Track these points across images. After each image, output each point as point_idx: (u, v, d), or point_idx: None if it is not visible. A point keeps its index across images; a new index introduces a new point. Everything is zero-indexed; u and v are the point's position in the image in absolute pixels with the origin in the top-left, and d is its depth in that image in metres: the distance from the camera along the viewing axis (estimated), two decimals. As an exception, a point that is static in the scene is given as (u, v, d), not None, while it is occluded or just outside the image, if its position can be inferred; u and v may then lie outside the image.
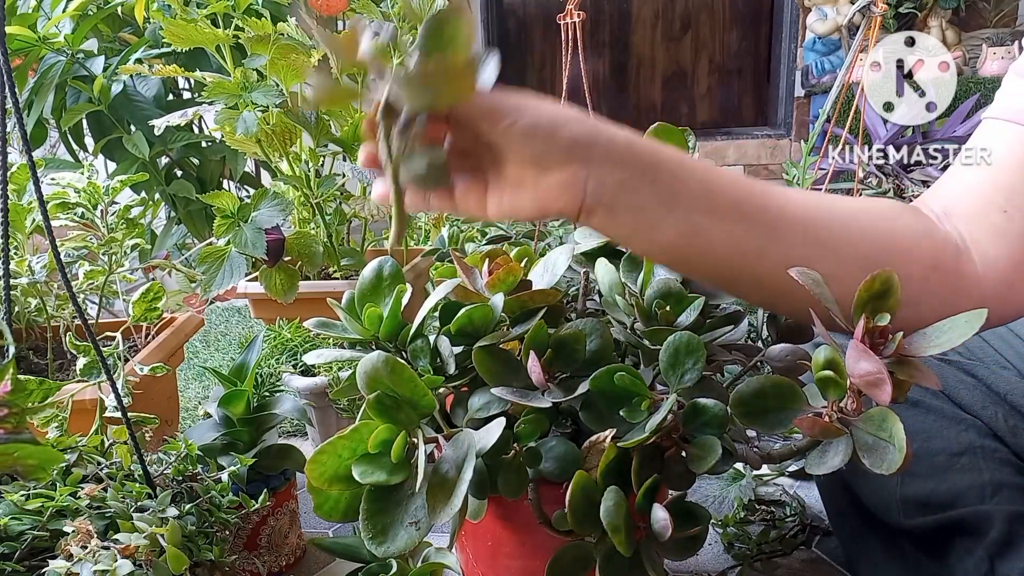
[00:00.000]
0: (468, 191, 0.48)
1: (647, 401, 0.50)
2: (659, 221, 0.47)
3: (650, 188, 0.47)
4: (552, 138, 0.45)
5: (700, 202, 0.47)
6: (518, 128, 0.44)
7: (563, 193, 0.46)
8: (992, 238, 0.51)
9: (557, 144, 0.45)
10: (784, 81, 3.99)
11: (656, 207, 0.47)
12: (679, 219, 0.47)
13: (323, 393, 0.97)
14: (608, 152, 0.46)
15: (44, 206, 0.49)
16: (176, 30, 1.01)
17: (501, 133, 0.45)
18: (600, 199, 0.46)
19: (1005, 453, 0.62)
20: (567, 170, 0.45)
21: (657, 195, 0.47)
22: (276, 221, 1.01)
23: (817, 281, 0.44)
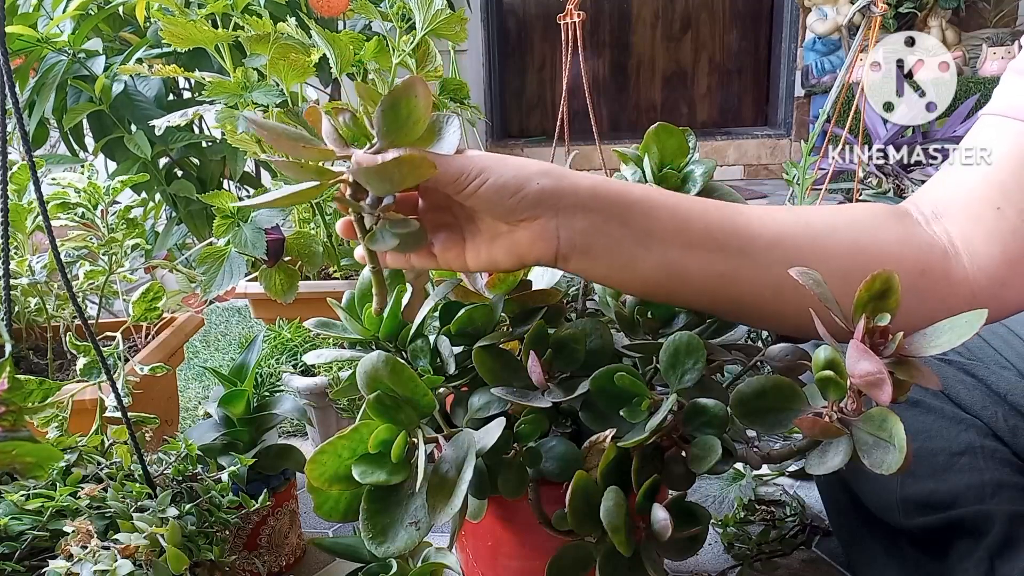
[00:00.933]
0: (447, 248, 0.50)
1: (647, 401, 0.50)
2: (635, 259, 0.49)
3: (622, 229, 0.48)
4: (519, 194, 0.46)
5: (672, 237, 0.49)
6: (484, 190, 0.46)
7: (536, 243, 0.48)
8: (984, 236, 0.51)
9: (525, 200, 0.46)
10: (784, 81, 3.99)
11: (631, 246, 0.48)
12: (655, 255, 0.49)
13: (323, 393, 0.97)
14: (575, 201, 0.47)
15: (44, 206, 0.49)
16: (175, 30, 1.01)
17: (469, 196, 0.46)
18: (573, 245, 0.48)
19: (1005, 453, 0.62)
20: (537, 222, 0.47)
21: (630, 235, 0.48)
22: (276, 221, 1.01)
23: (817, 281, 0.45)
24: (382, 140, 0.44)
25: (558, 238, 0.47)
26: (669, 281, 0.50)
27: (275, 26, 1.05)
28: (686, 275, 0.49)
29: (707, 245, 0.49)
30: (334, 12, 1.30)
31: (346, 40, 1.06)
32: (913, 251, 0.51)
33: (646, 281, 0.50)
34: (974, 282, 0.51)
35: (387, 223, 0.46)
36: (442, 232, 0.51)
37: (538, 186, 0.47)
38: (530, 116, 4.50)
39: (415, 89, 0.42)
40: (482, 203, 0.46)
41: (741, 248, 0.50)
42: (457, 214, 0.50)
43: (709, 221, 0.50)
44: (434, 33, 1.09)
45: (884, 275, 0.43)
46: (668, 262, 0.49)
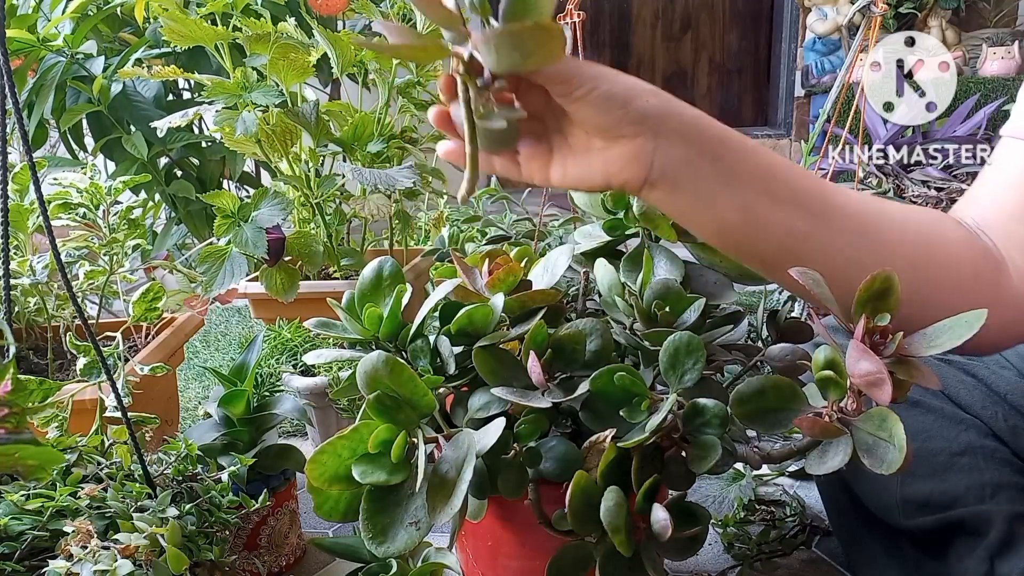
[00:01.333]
0: (533, 157, 0.49)
1: (647, 401, 0.50)
2: (717, 199, 0.48)
3: (712, 166, 0.47)
4: (626, 109, 0.45)
5: (758, 184, 0.48)
6: (594, 96, 0.44)
7: (629, 164, 0.46)
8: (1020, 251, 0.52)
9: (630, 115, 0.45)
10: (784, 81, 3.99)
11: (716, 185, 0.47)
12: (737, 198, 0.48)
13: (323, 393, 0.97)
14: (678, 127, 0.46)
15: (44, 206, 0.49)
16: (176, 27, 1.01)
17: (576, 99, 0.45)
18: (664, 173, 0.46)
19: (1005, 453, 0.62)
20: (636, 141, 0.46)
21: (718, 173, 0.47)
22: (276, 221, 1.01)
23: (817, 281, 0.45)
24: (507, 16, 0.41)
25: (651, 163, 0.46)
26: (745, 226, 0.49)
27: (275, 26, 1.05)
28: (763, 225, 0.49)
29: (791, 200, 0.49)
30: (333, 11, 1.30)
31: (347, 40, 1.06)
32: (972, 254, 0.52)
33: (723, 223, 0.49)
34: (1020, 295, 0.52)
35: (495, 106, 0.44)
36: (530, 140, 0.49)
37: (646, 103, 0.46)
38: (530, 116, 4.49)
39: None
40: (588, 110, 0.45)
41: (822, 211, 0.49)
42: (549, 125, 0.49)
43: (797, 178, 0.50)
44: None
45: (884, 275, 0.43)
46: (749, 207, 0.48)
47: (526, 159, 0.49)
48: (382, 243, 1.38)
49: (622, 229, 0.64)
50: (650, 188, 0.47)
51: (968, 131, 1.79)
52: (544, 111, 0.48)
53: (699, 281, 0.62)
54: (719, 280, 0.62)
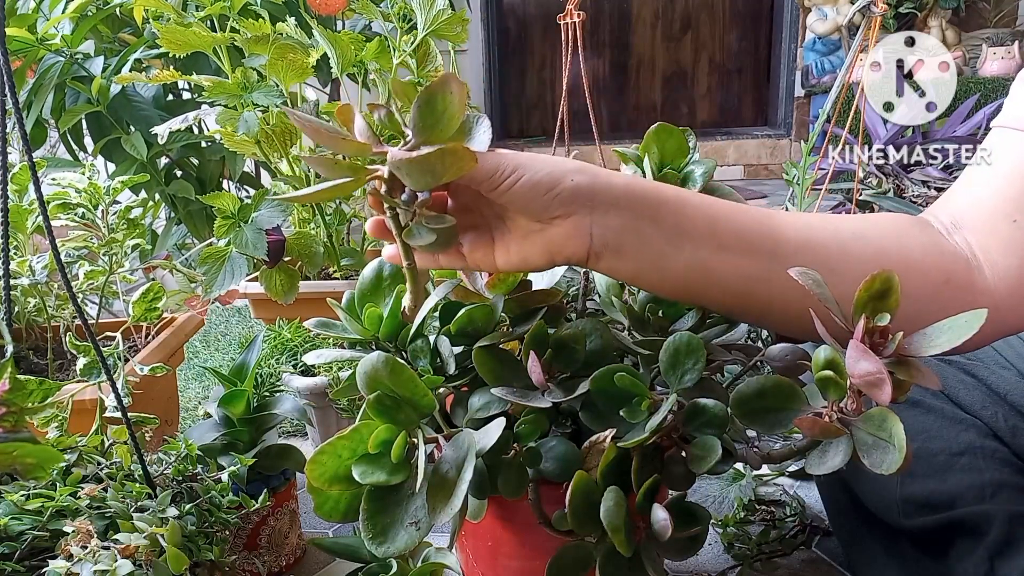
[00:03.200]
0: (476, 247, 0.50)
1: (647, 401, 0.50)
2: (666, 259, 0.48)
3: (653, 228, 0.48)
4: (553, 192, 0.46)
5: (705, 237, 0.49)
6: (519, 187, 0.46)
7: (569, 241, 0.47)
8: (1002, 248, 0.51)
9: (559, 198, 0.46)
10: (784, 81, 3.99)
11: (662, 246, 0.48)
12: (685, 256, 0.48)
13: (323, 393, 0.97)
14: (609, 199, 0.47)
15: (44, 206, 0.49)
16: (172, 36, 1.01)
17: (503, 193, 0.46)
18: (606, 243, 0.47)
19: (1005, 453, 0.62)
20: (571, 219, 0.47)
21: (662, 235, 0.48)
22: (276, 221, 1.01)
23: (817, 281, 0.45)
24: (417, 136, 0.44)
25: (591, 236, 0.47)
26: (699, 281, 0.49)
27: (274, 26, 1.05)
28: (716, 276, 0.49)
29: (738, 247, 0.49)
30: (332, 10, 1.30)
31: (347, 40, 1.06)
32: (937, 259, 0.51)
33: (675, 281, 0.49)
34: (995, 293, 0.51)
35: (423, 219, 0.46)
36: (470, 233, 0.50)
37: (573, 183, 0.46)
38: (530, 116, 4.50)
39: (450, 86, 0.42)
40: (516, 200, 0.46)
41: (772, 251, 0.50)
42: (486, 214, 0.50)
43: (740, 223, 0.50)
44: (435, 34, 1.09)
45: (884, 275, 0.43)
46: (699, 262, 0.49)
47: (470, 251, 0.51)
48: (382, 243, 1.38)
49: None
50: (596, 259, 0.48)
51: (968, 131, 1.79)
52: (479, 203, 0.49)
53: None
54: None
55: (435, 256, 0.51)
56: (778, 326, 0.56)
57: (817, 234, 0.51)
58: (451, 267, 0.53)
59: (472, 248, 0.51)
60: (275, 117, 1.03)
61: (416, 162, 0.42)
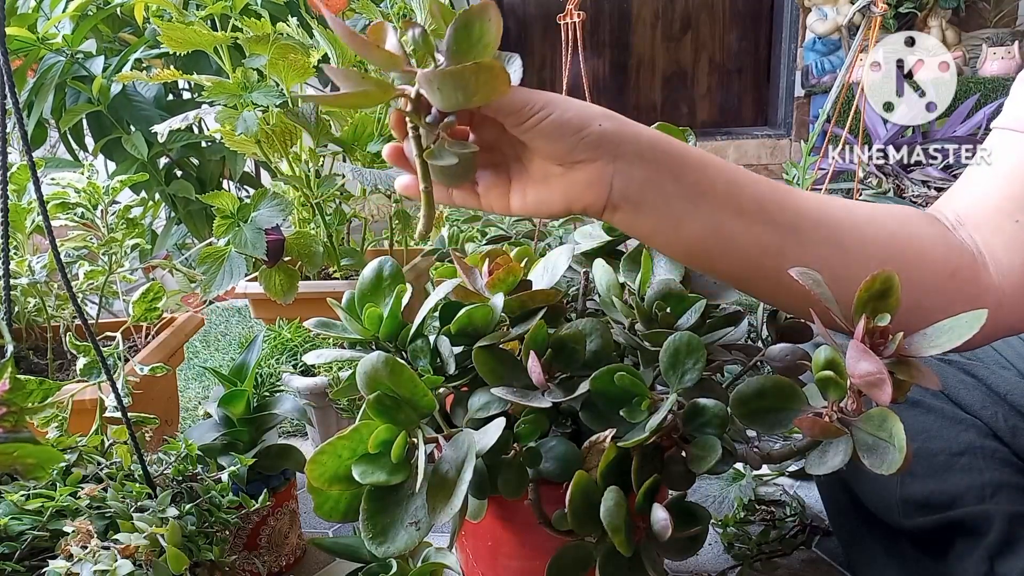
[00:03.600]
0: (491, 187, 0.49)
1: (647, 401, 0.50)
2: (683, 218, 0.47)
3: (675, 185, 0.47)
4: (580, 134, 0.45)
5: (725, 201, 0.48)
6: (547, 124, 0.44)
7: (589, 189, 0.46)
8: (1005, 246, 0.51)
9: (585, 140, 0.45)
10: (784, 81, 3.99)
11: (681, 204, 0.47)
12: (704, 217, 0.47)
13: (323, 393, 0.97)
14: (635, 149, 0.46)
15: (44, 206, 0.49)
16: (174, 34, 1.01)
17: (529, 129, 0.45)
18: (626, 195, 0.46)
19: (1005, 453, 0.62)
20: (594, 166, 0.45)
21: (682, 193, 0.47)
22: (276, 221, 1.01)
23: (817, 281, 0.45)
24: (450, 60, 0.42)
25: (611, 185, 0.46)
26: (714, 245, 0.48)
27: (275, 26, 1.05)
28: (732, 241, 0.48)
29: (757, 214, 0.48)
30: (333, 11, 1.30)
31: (346, 40, 1.05)
32: (945, 251, 0.51)
33: (691, 242, 0.48)
34: (999, 290, 0.51)
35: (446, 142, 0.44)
36: (488, 171, 0.49)
37: (600, 127, 0.45)
38: (530, 116, 4.49)
39: (488, 12, 0.41)
40: (542, 138, 0.45)
41: (790, 223, 0.49)
42: (507, 153, 0.49)
43: (761, 192, 0.49)
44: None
45: (884, 275, 0.43)
46: (716, 225, 0.48)
47: (484, 189, 0.49)
48: (382, 243, 1.38)
49: (622, 229, 0.64)
50: (612, 210, 0.47)
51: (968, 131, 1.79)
52: (500, 141, 0.48)
53: (699, 281, 0.62)
54: (719, 280, 0.62)
55: (449, 192, 0.50)
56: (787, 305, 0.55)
57: (833, 212, 0.51)
58: (464, 205, 0.51)
59: (488, 188, 0.49)
60: (275, 117, 1.03)
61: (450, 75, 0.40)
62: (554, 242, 1.05)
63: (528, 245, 0.76)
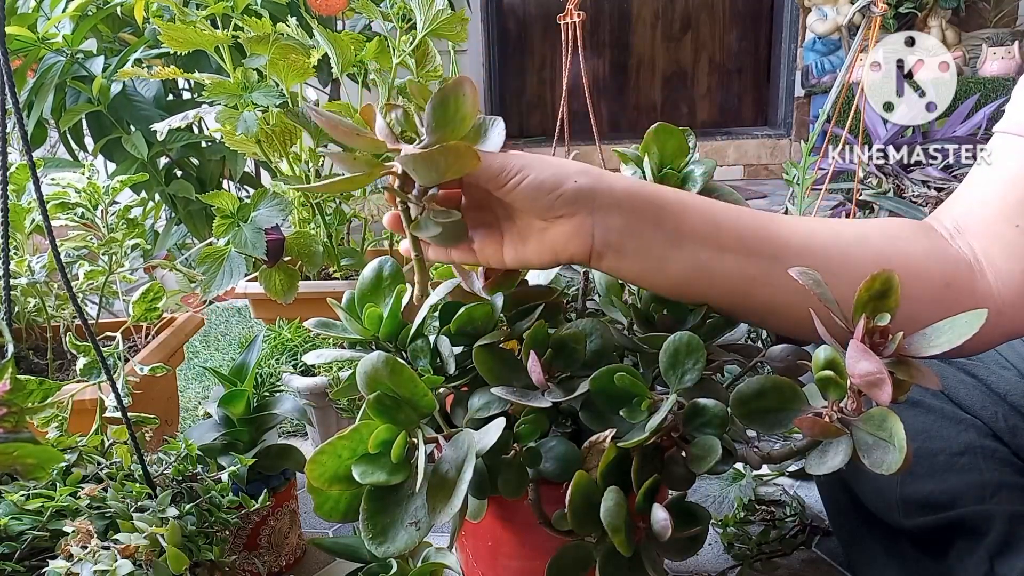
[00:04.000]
0: (486, 244, 0.53)
1: (647, 401, 0.50)
2: (666, 260, 0.50)
3: (654, 230, 0.49)
4: (556, 192, 0.48)
5: (705, 240, 0.50)
6: (524, 187, 0.48)
7: (572, 240, 0.49)
8: (1005, 253, 0.51)
9: (562, 198, 0.48)
10: (784, 81, 3.99)
11: (663, 247, 0.50)
12: (686, 257, 0.50)
13: (323, 393, 0.97)
14: (611, 201, 0.49)
15: (44, 206, 0.49)
16: (174, 33, 1.01)
17: (509, 192, 0.48)
18: (608, 243, 0.49)
19: (1005, 453, 0.62)
20: (574, 220, 0.49)
21: (663, 236, 0.49)
22: (276, 221, 1.01)
23: (817, 281, 0.45)
24: (431, 135, 0.46)
25: (593, 236, 0.49)
26: (700, 281, 0.51)
27: (275, 26, 1.05)
28: (717, 277, 0.50)
29: (739, 249, 0.50)
30: (332, 11, 1.30)
31: (347, 40, 1.06)
32: (939, 264, 0.52)
33: (676, 281, 0.51)
34: (999, 297, 0.51)
35: (431, 212, 0.49)
36: (482, 229, 0.53)
37: (575, 184, 0.48)
38: (530, 116, 4.50)
39: (463, 88, 0.45)
40: (521, 199, 0.48)
41: (772, 254, 0.51)
42: (497, 212, 0.52)
43: (741, 226, 0.51)
44: (434, 33, 1.09)
45: (884, 275, 0.43)
46: (699, 263, 0.50)
47: (480, 247, 0.53)
48: (382, 243, 1.38)
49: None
50: (598, 258, 0.50)
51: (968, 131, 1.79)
52: (489, 200, 0.52)
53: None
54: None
55: (447, 250, 0.54)
56: (780, 328, 0.56)
57: (818, 238, 0.52)
58: (463, 261, 0.55)
59: (483, 244, 0.53)
60: (275, 117, 1.03)
61: (422, 158, 0.44)
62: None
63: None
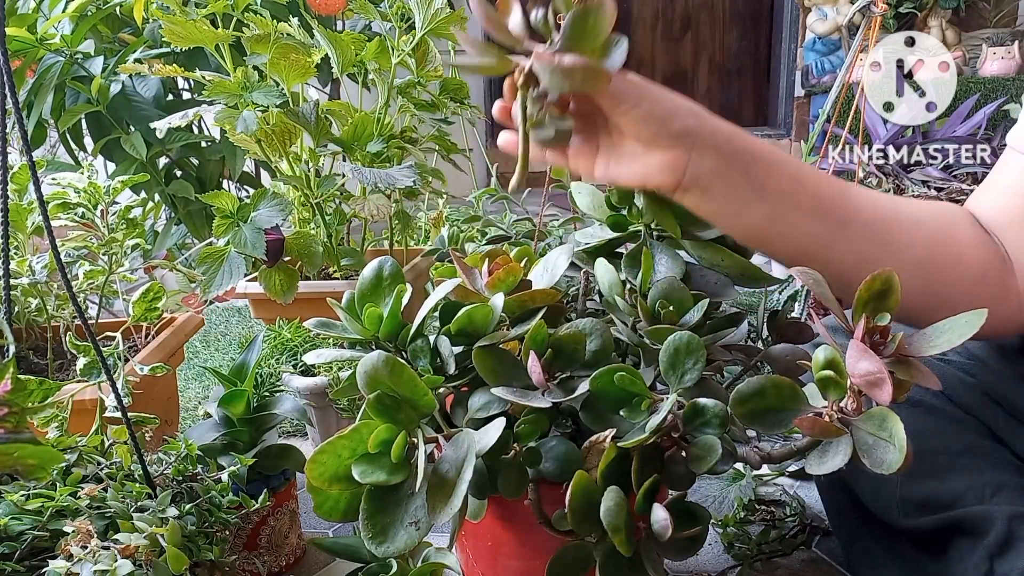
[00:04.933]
0: (580, 153, 0.54)
1: (647, 401, 0.50)
2: (746, 207, 0.53)
3: (742, 178, 0.52)
4: (664, 125, 0.51)
5: (786, 196, 0.53)
6: (637, 113, 0.50)
7: (664, 171, 0.52)
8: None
9: (668, 131, 0.51)
10: (784, 81, 3.99)
11: (745, 195, 0.52)
12: (765, 208, 0.53)
13: (323, 393, 0.97)
14: (711, 143, 0.52)
15: (44, 206, 0.49)
16: (176, 29, 1.01)
17: (621, 115, 0.50)
18: (697, 182, 0.52)
19: (1005, 453, 0.62)
20: (672, 153, 0.51)
21: (748, 184, 0.52)
22: (276, 221, 1.01)
23: (818, 281, 0.45)
24: (564, 42, 0.47)
25: (685, 173, 0.51)
26: (770, 232, 0.54)
27: (276, 26, 1.05)
28: (787, 231, 0.54)
29: (814, 209, 0.54)
30: (332, 10, 1.30)
31: (348, 40, 1.05)
32: (981, 254, 0.55)
33: (749, 228, 0.54)
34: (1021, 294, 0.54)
35: (548, 114, 0.51)
36: (580, 137, 0.54)
37: (684, 123, 0.51)
38: (530, 116, 4.49)
39: (605, 6, 0.46)
40: (630, 124, 0.51)
41: (843, 219, 0.54)
42: (600, 125, 0.54)
43: (820, 189, 0.54)
44: (434, 32, 1.09)
45: (884, 275, 0.43)
46: (775, 216, 0.53)
47: (574, 154, 0.55)
48: (382, 243, 1.38)
49: (626, 225, 0.64)
50: (683, 193, 0.53)
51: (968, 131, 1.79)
52: (595, 114, 0.53)
53: (700, 281, 0.62)
54: (720, 280, 0.62)
55: (543, 152, 0.55)
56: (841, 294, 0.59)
57: (883, 212, 0.55)
58: (554, 163, 0.56)
59: (577, 153, 0.54)
60: (275, 117, 1.03)
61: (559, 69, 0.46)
62: (554, 242, 1.05)
63: (528, 245, 0.76)
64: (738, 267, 0.61)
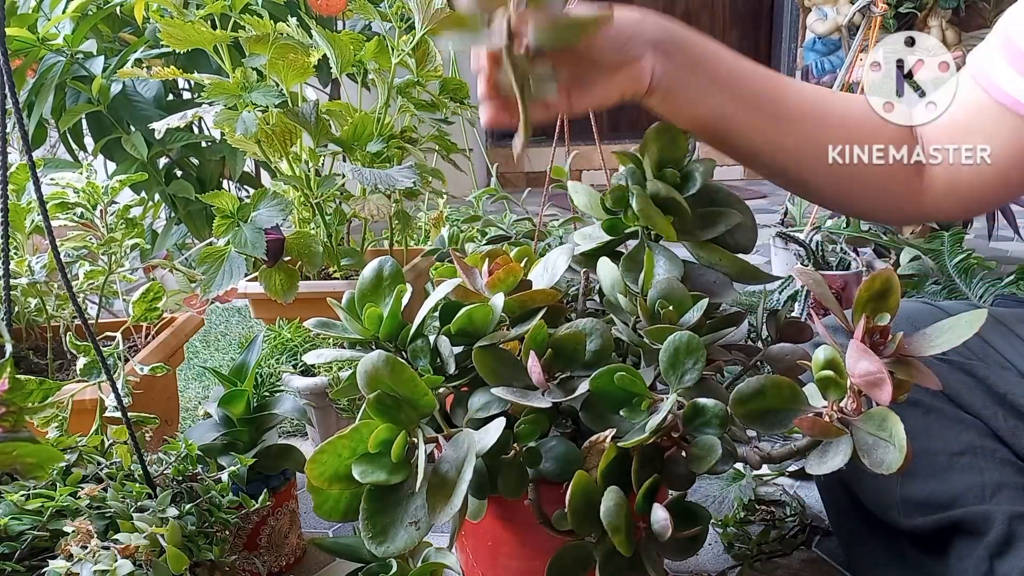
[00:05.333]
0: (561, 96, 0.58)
1: (647, 401, 0.50)
2: (696, 104, 0.60)
3: (692, 77, 0.59)
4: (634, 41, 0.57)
5: (727, 91, 0.60)
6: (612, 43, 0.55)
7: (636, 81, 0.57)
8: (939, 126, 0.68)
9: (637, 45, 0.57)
10: (784, 81, 3.97)
11: (696, 92, 0.59)
12: (712, 101, 0.60)
13: (323, 393, 0.97)
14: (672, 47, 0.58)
15: (44, 206, 0.49)
16: (174, 31, 1.01)
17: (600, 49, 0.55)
18: (660, 83, 0.58)
19: (1005, 453, 0.62)
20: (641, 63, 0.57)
21: (696, 83, 0.59)
22: (276, 221, 1.01)
23: (818, 281, 0.45)
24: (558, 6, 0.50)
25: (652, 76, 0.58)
26: (718, 124, 0.61)
27: (274, 26, 1.05)
28: (733, 126, 0.61)
29: (751, 102, 0.61)
30: (332, 11, 1.30)
31: (346, 40, 1.05)
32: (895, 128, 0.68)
33: (702, 122, 0.61)
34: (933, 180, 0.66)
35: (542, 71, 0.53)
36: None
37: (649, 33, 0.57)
38: (530, 116, 4.48)
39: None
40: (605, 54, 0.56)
41: (775, 113, 0.62)
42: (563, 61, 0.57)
43: (757, 81, 0.62)
44: (434, 32, 1.09)
45: (884, 275, 0.43)
46: (719, 109, 0.60)
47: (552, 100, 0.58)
48: (382, 243, 1.38)
49: (621, 228, 0.64)
50: (649, 95, 0.59)
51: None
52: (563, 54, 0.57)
53: (699, 280, 0.62)
54: (719, 279, 0.62)
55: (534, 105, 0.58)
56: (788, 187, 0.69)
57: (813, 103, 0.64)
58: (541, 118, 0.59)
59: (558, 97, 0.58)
60: (275, 117, 1.03)
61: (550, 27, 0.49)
62: (554, 242, 1.05)
63: (528, 245, 0.76)
64: (736, 266, 0.61)
